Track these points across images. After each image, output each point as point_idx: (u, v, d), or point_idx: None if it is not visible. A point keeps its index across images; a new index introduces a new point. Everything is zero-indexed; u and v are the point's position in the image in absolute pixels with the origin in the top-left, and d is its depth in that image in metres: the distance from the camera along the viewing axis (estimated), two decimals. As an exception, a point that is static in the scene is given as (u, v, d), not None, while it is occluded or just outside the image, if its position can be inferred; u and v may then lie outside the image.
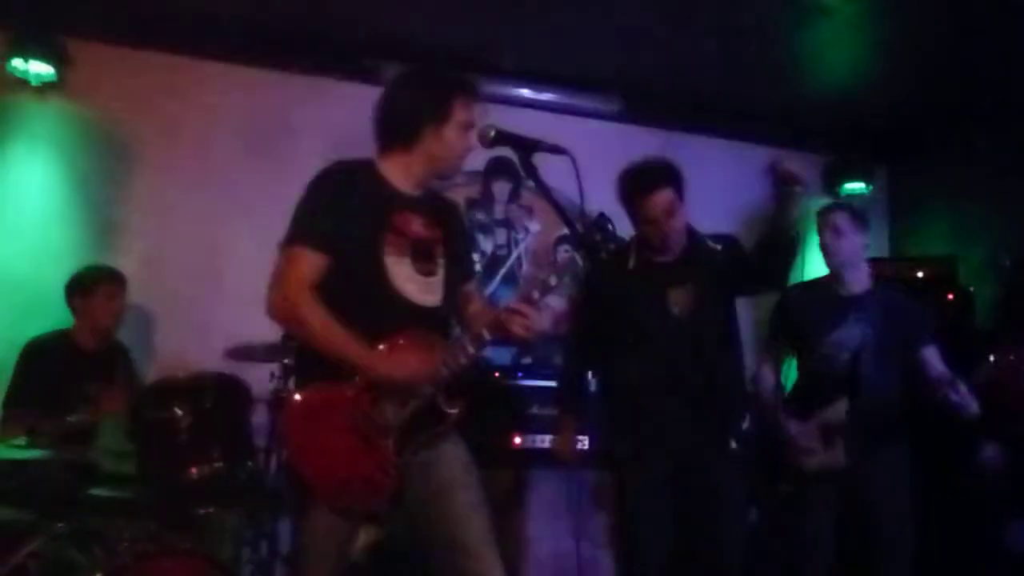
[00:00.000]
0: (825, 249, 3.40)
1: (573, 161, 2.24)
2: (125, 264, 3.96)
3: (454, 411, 2.34)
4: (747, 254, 3.09)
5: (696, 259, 3.09)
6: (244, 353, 3.66)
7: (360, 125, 4.55)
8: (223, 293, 4.38)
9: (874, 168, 5.80)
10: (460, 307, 2.54)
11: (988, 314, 4.85)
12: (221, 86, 4.54)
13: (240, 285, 4.42)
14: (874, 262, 4.96)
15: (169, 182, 4.42)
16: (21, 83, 4.17)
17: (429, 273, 2.40)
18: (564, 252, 5.08)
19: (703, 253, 3.10)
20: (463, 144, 2.39)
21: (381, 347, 2.27)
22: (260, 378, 3.65)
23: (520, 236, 5.05)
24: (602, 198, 2.73)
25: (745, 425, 3.37)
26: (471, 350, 2.30)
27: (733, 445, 3.09)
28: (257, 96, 4.61)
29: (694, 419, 2.98)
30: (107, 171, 4.35)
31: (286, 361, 3.53)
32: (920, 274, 4.96)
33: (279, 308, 2.28)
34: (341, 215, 2.28)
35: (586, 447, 4.01)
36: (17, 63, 4.11)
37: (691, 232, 3.14)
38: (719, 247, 3.12)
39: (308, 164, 4.41)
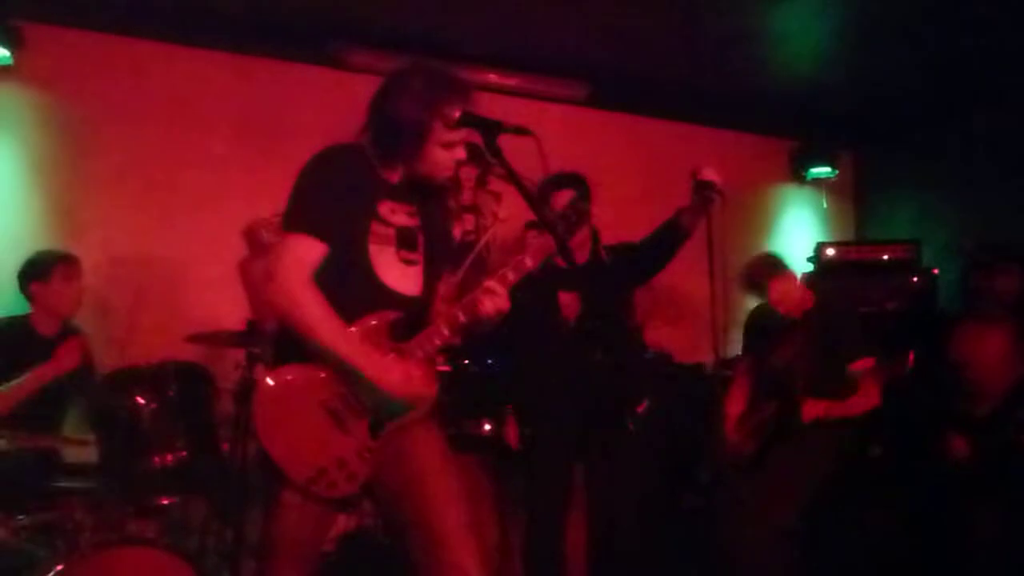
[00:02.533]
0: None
1: (538, 142, 2.22)
2: (84, 251, 3.86)
3: (429, 395, 2.31)
4: (636, 249, 3.44)
5: (593, 267, 3.42)
6: (208, 340, 3.60)
7: (323, 110, 4.56)
8: (185, 280, 4.34)
9: (840, 153, 5.84)
10: (438, 296, 2.51)
11: (951, 296, 4.91)
12: (181, 70, 4.47)
13: (202, 272, 4.40)
14: (839, 246, 5.08)
15: (128, 167, 4.34)
16: (-24, 67, 4.07)
17: (411, 262, 2.37)
18: (533, 237, 5.06)
19: (598, 261, 3.45)
20: (446, 158, 2.33)
21: (352, 329, 2.23)
22: (225, 367, 3.61)
23: (488, 222, 5.02)
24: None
25: (643, 408, 3.54)
26: (446, 332, 2.28)
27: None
28: (218, 80, 4.54)
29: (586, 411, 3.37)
30: (65, 156, 4.27)
31: (252, 350, 3.48)
32: (885, 257, 5.02)
33: (276, 297, 2.21)
34: (335, 203, 2.23)
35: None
36: (-28, 46, 4.01)
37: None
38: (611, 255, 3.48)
39: (279, 151, 4.48)
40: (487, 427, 4.15)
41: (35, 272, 3.57)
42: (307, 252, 2.21)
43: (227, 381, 3.53)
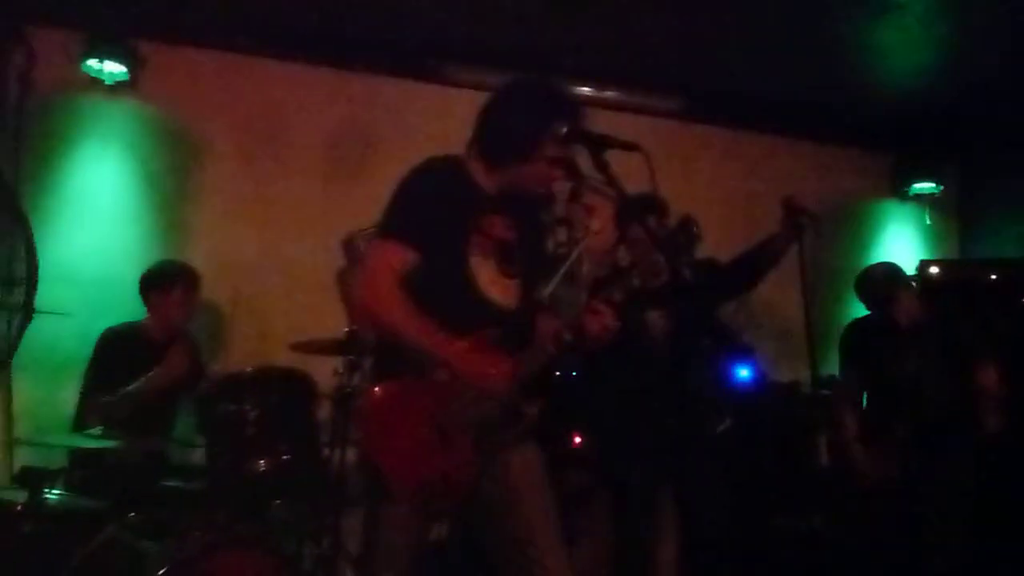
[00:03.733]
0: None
1: (647, 157, 2.21)
2: (193, 261, 4.03)
3: (532, 412, 2.33)
4: (720, 271, 3.45)
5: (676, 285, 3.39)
6: (309, 348, 3.68)
7: (431, 126, 4.64)
8: (289, 289, 4.46)
9: (944, 167, 5.64)
10: (536, 309, 2.52)
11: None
12: (290, 87, 4.61)
13: (306, 282, 4.51)
14: (943, 264, 4.91)
15: (237, 180, 4.51)
16: (95, 82, 4.28)
17: (510, 275, 2.39)
18: (624, 251, 5.04)
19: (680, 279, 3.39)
20: (547, 176, 2.35)
21: (464, 344, 2.26)
22: (324, 373, 3.69)
23: (580, 235, 5.01)
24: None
25: (724, 426, 3.62)
26: (551, 350, 2.28)
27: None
28: (319, 94, 4.67)
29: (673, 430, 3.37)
30: (177, 169, 4.45)
31: (351, 357, 3.55)
32: (993, 277, 4.84)
33: (364, 299, 2.29)
34: (431, 213, 2.27)
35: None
36: (92, 63, 4.21)
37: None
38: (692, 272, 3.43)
39: (377, 164, 4.58)
40: (577, 440, 4.14)
41: (157, 282, 3.72)
42: (395, 257, 2.26)
43: (326, 388, 3.62)
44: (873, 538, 3.53)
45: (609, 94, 4.98)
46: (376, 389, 2.32)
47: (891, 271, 3.76)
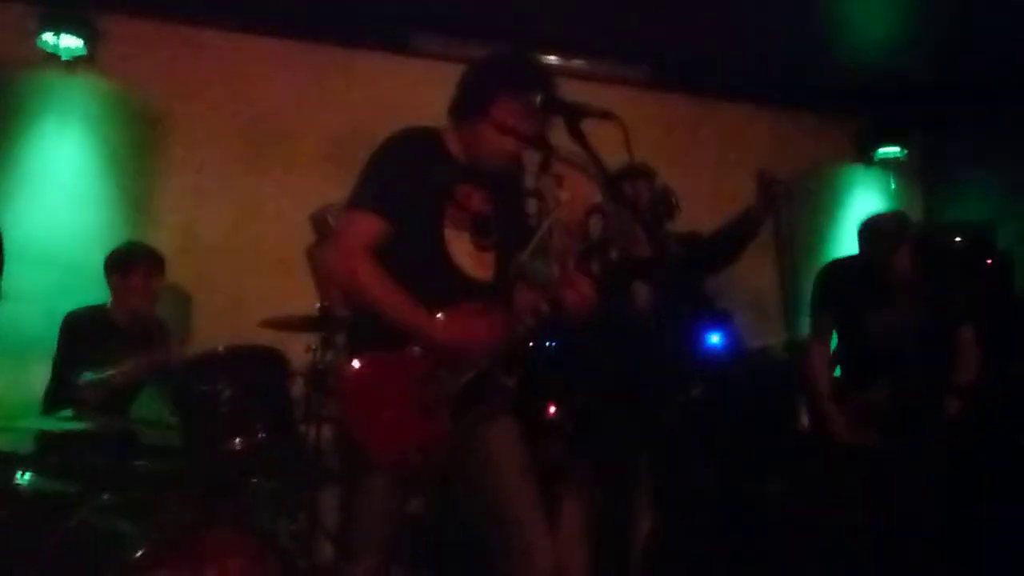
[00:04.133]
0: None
1: (623, 127, 2.20)
2: (158, 238, 3.99)
3: (509, 383, 2.33)
4: (702, 245, 3.45)
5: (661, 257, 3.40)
6: (280, 325, 3.65)
7: (392, 96, 4.59)
8: (257, 266, 4.41)
9: (909, 132, 5.70)
10: (511, 281, 2.52)
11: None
12: (251, 59, 4.54)
13: (273, 258, 4.46)
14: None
15: (200, 156, 4.43)
16: (52, 58, 4.17)
17: (485, 248, 2.39)
18: (596, 221, 5.04)
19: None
20: (501, 146, 2.33)
21: (439, 315, 2.25)
22: (296, 351, 3.67)
23: (550, 206, 5.00)
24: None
25: (695, 392, 3.67)
26: (529, 322, 2.28)
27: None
28: (288, 68, 4.60)
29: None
30: (138, 145, 4.36)
31: (323, 333, 3.53)
32: (957, 239, 4.90)
33: (336, 269, 2.28)
34: (405, 184, 2.26)
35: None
36: (47, 38, 4.11)
37: None
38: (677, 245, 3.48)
39: (344, 136, 4.52)
40: (552, 410, 4.16)
41: (118, 265, 3.66)
42: (367, 227, 2.25)
43: (298, 365, 3.59)
44: (842, 503, 3.54)
45: (576, 63, 4.95)
46: (353, 363, 2.29)
47: (901, 221, 3.60)
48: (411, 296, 2.22)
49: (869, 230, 3.59)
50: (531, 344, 4.30)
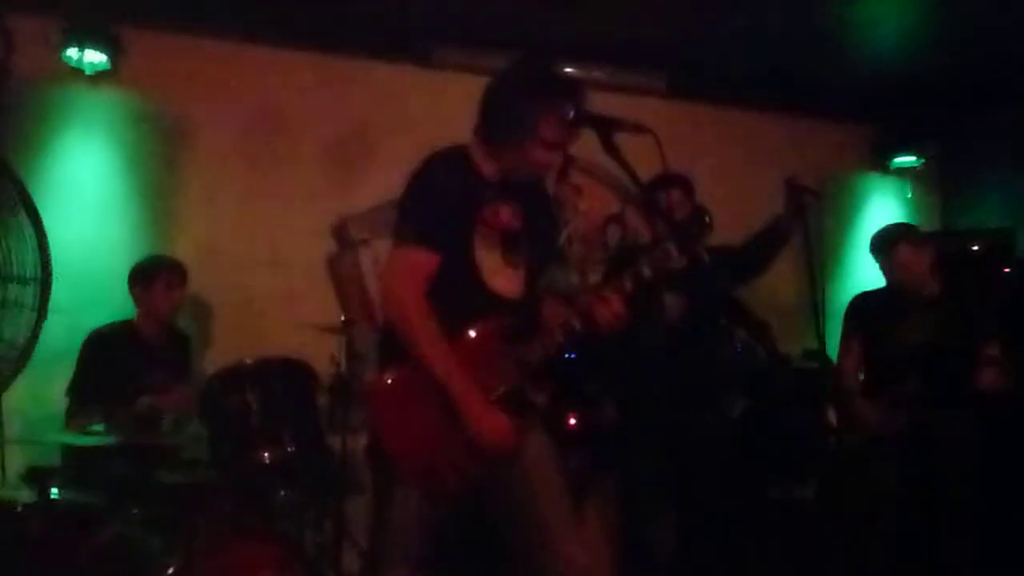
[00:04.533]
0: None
1: (657, 141, 2.21)
2: (180, 250, 4.02)
3: (541, 399, 2.34)
4: (734, 256, 3.45)
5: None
6: (305, 337, 3.67)
7: (416, 109, 4.62)
8: (278, 277, 4.43)
9: (925, 140, 5.69)
10: (540, 296, 2.53)
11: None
12: (274, 71, 4.56)
13: (295, 270, 4.49)
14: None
15: (223, 168, 4.46)
16: (75, 72, 4.20)
17: (516, 264, 2.39)
18: (614, 231, 5.07)
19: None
20: (546, 161, 2.34)
21: (470, 332, 2.28)
22: (320, 361, 3.68)
23: (568, 215, 5.03)
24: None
25: (740, 408, 3.78)
26: (560, 339, 2.29)
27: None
28: (311, 80, 4.62)
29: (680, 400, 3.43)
30: (161, 158, 4.39)
31: (350, 346, 3.54)
32: (975, 247, 4.90)
33: (390, 307, 2.30)
34: (444, 211, 2.27)
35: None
36: (71, 52, 4.13)
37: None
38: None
39: (367, 149, 4.55)
40: (572, 422, 4.17)
41: (140, 276, 3.71)
42: (421, 264, 2.25)
43: (322, 376, 3.60)
44: (871, 500, 3.54)
45: (595, 73, 4.96)
46: (385, 375, 2.32)
47: (897, 226, 3.77)
48: (442, 316, 2.22)
49: (876, 241, 3.71)
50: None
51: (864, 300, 3.82)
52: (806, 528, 3.93)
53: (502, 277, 2.36)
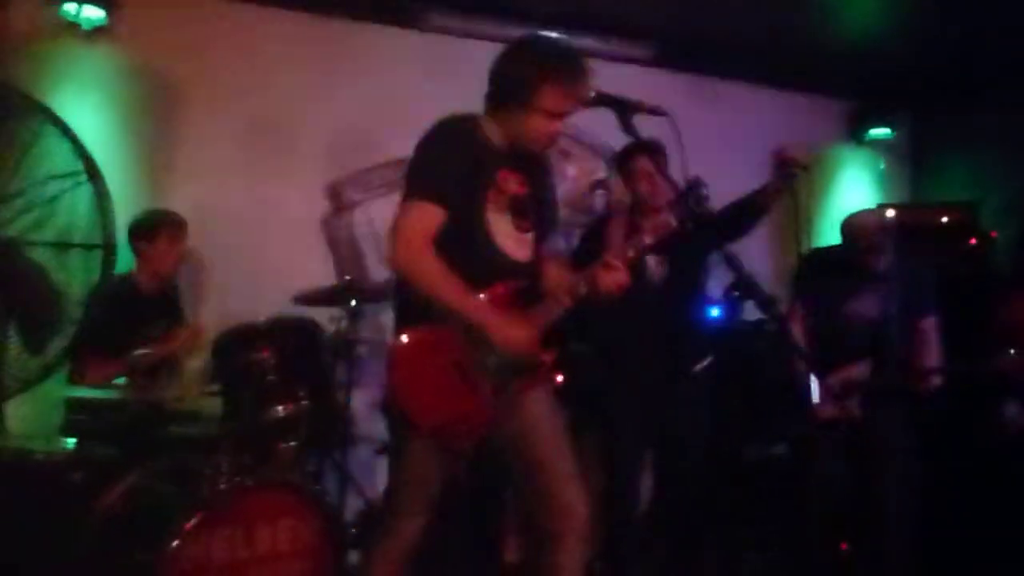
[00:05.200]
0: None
1: (673, 123, 2.34)
2: (176, 209, 4.03)
3: (547, 359, 2.48)
4: (714, 221, 3.41)
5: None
6: (310, 300, 3.76)
7: (406, 73, 4.67)
8: (273, 236, 4.49)
9: (899, 114, 5.88)
10: (544, 261, 2.66)
11: (1008, 259, 4.98)
12: (270, 32, 4.57)
13: (288, 228, 4.55)
14: (897, 208, 5.14)
15: (219, 127, 4.46)
16: (72, 27, 4.18)
17: (524, 229, 2.52)
18: (600, 197, 5.19)
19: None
20: (546, 131, 2.44)
21: (482, 296, 2.40)
22: (320, 321, 3.77)
23: (557, 181, 5.12)
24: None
25: (705, 363, 3.83)
26: (568, 301, 2.44)
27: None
28: (304, 42, 4.64)
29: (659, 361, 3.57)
30: (157, 116, 4.39)
31: (352, 304, 3.64)
32: (943, 220, 5.08)
33: (399, 259, 2.38)
34: (455, 171, 2.38)
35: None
36: (69, 7, 4.12)
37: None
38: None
39: (355, 110, 4.59)
40: (559, 379, 4.31)
41: (142, 231, 3.75)
42: (428, 218, 2.36)
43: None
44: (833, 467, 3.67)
45: (584, 41, 5.04)
46: (402, 336, 2.44)
47: (881, 222, 3.75)
48: (458, 278, 2.34)
49: (851, 228, 3.70)
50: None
51: (817, 259, 3.78)
52: (781, 483, 4.14)
53: (513, 240, 2.49)
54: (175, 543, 2.58)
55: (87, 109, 4.28)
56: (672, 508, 3.90)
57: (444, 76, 4.52)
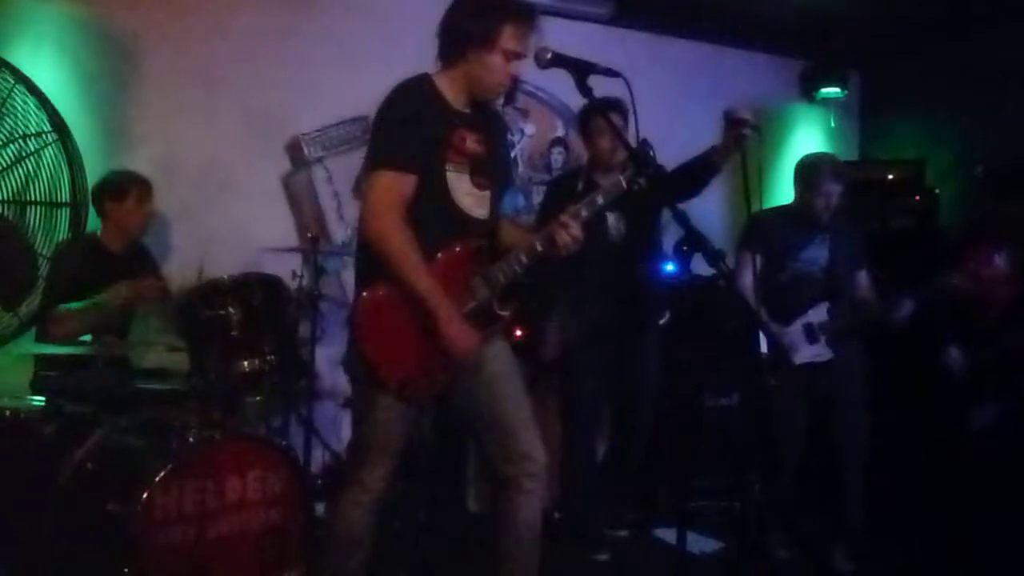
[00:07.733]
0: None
1: (627, 84, 2.42)
2: (134, 168, 4.03)
3: (506, 313, 2.58)
4: (666, 180, 3.54)
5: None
6: (271, 252, 3.82)
7: (367, 30, 4.67)
8: (233, 196, 4.50)
9: (849, 72, 6.00)
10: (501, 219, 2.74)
11: (951, 215, 5.16)
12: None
13: (249, 188, 4.57)
14: (846, 165, 5.26)
15: (176, 85, 4.45)
16: (25, -20, 4.12)
17: (483, 187, 2.59)
18: (558, 154, 5.26)
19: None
20: (506, 72, 2.50)
21: (439, 255, 2.48)
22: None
23: (516, 138, 5.20)
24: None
25: (663, 319, 4.07)
26: (525, 260, 2.53)
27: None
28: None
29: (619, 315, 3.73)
30: (114, 73, 4.35)
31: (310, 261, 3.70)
32: (890, 176, 5.23)
33: (369, 230, 2.45)
34: (416, 135, 2.44)
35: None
36: (21, -37, 4.06)
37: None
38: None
39: (320, 62, 4.57)
40: (519, 333, 4.42)
41: (111, 191, 3.75)
42: (396, 187, 2.43)
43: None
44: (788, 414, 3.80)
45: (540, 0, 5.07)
46: (366, 293, 2.51)
47: (836, 166, 3.78)
48: (417, 236, 2.42)
49: (802, 170, 3.80)
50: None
51: (765, 218, 3.84)
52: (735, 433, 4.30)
53: (472, 199, 2.56)
54: (146, 494, 2.62)
55: (41, 68, 4.18)
56: (629, 458, 4.05)
57: (403, 32, 4.52)
